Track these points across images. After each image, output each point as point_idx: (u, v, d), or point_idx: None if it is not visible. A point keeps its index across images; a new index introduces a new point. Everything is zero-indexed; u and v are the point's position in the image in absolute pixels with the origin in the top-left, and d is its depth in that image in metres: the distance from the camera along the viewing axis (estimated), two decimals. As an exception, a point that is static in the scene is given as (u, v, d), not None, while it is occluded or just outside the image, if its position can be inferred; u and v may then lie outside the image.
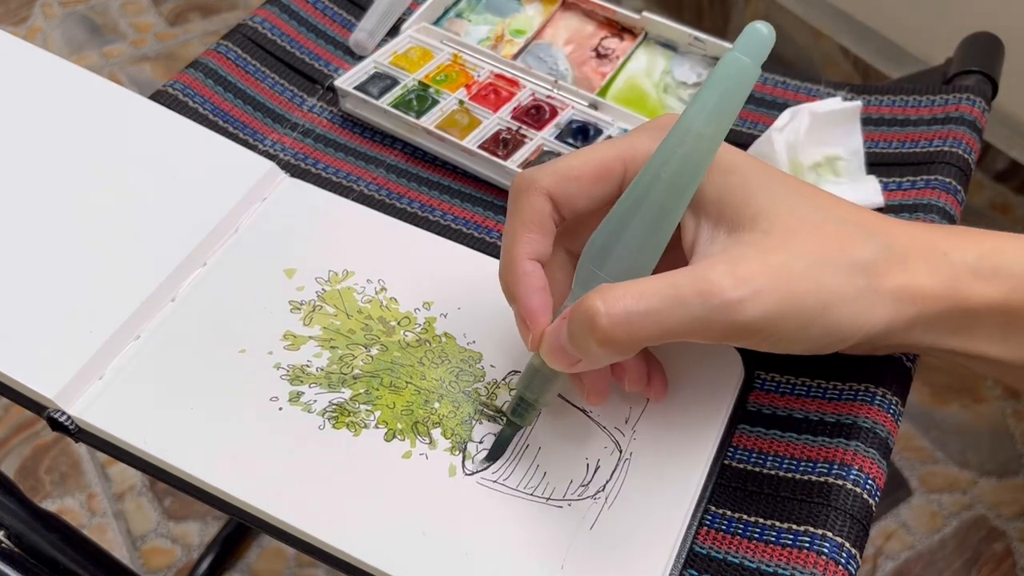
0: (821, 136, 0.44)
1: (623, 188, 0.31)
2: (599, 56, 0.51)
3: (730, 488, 0.34)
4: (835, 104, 0.44)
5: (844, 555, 0.31)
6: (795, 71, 0.50)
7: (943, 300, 0.30)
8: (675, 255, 0.31)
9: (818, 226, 0.30)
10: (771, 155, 0.43)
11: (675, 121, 0.30)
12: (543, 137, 0.45)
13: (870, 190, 0.43)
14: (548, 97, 0.47)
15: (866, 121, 0.46)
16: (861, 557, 0.32)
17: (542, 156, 0.44)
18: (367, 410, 0.35)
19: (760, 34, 0.28)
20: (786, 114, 0.44)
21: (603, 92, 0.49)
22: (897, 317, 0.30)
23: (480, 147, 0.45)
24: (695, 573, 0.32)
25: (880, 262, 0.30)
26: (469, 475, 0.33)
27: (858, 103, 0.44)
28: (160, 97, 0.46)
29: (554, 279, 0.33)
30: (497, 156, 0.44)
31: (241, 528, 0.83)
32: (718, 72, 0.29)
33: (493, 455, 0.34)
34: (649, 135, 0.31)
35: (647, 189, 0.30)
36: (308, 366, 0.36)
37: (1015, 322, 0.30)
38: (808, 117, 0.43)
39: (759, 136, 0.44)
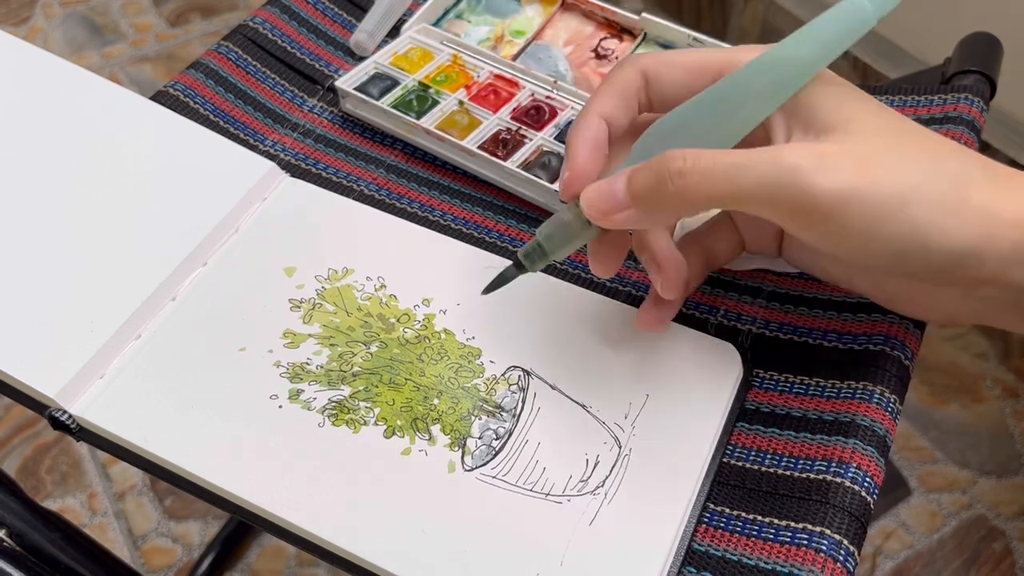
0: None
1: None
2: (598, 57, 0.51)
3: (729, 486, 0.34)
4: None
5: (842, 552, 0.31)
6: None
7: None
8: None
9: (908, 135, 0.29)
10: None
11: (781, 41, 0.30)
12: (543, 138, 0.45)
13: None
14: (548, 98, 0.48)
15: (864, 121, 0.46)
16: (859, 555, 0.32)
17: (541, 157, 0.45)
18: (367, 407, 0.35)
19: None
20: None
21: (602, 92, 0.49)
22: (989, 238, 0.27)
23: (480, 147, 0.45)
24: (694, 570, 0.32)
25: (969, 174, 0.28)
26: (468, 471, 0.33)
27: None
28: (161, 97, 0.46)
29: (616, 164, 0.33)
30: (497, 156, 0.44)
31: (242, 527, 0.83)
32: (838, 11, 0.29)
33: (489, 289, 0.35)
34: (751, 51, 0.31)
35: (733, 91, 0.30)
36: (308, 364, 0.36)
37: None
38: None
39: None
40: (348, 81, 0.47)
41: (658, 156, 0.29)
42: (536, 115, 0.47)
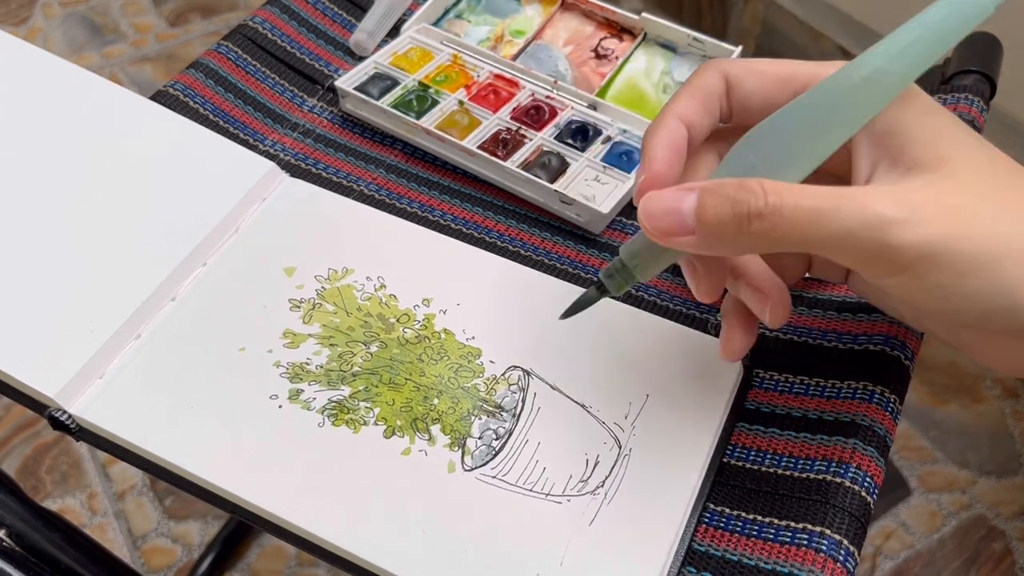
0: None
1: None
2: (598, 57, 0.51)
3: (729, 486, 0.34)
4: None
5: (842, 552, 0.31)
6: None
7: None
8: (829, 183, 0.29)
9: (1007, 183, 0.27)
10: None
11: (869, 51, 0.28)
12: (543, 137, 0.45)
13: None
14: (547, 98, 0.48)
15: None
16: (859, 555, 0.32)
17: (541, 156, 0.45)
18: (366, 407, 0.35)
19: None
20: None
21: (602, 93, 0.49)
22: None
23: (480, 147, 0.45)
24: (694, 570, 0.32)
25: None
26: (468, 471, 0.33)
27: None
28: (161, 97, 0.46)
29: (695, 173, 0.31)
30: (497, 156, 0.44)
31: (242, 528, 0.83)
32: (930, 15, 0.27)
33: (569, 313, 0.33)
34: (837, 66, 0.29)
35: (824, 106, 0.28)
36: (308, 364, 0.36)
37: None
38: None
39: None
40: (348, 81, 0.47)
41: (734, 183, 0.27)
42: (536, 115, 0.47)
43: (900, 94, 0.28)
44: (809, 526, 0.32)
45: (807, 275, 0.36)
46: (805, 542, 0.32)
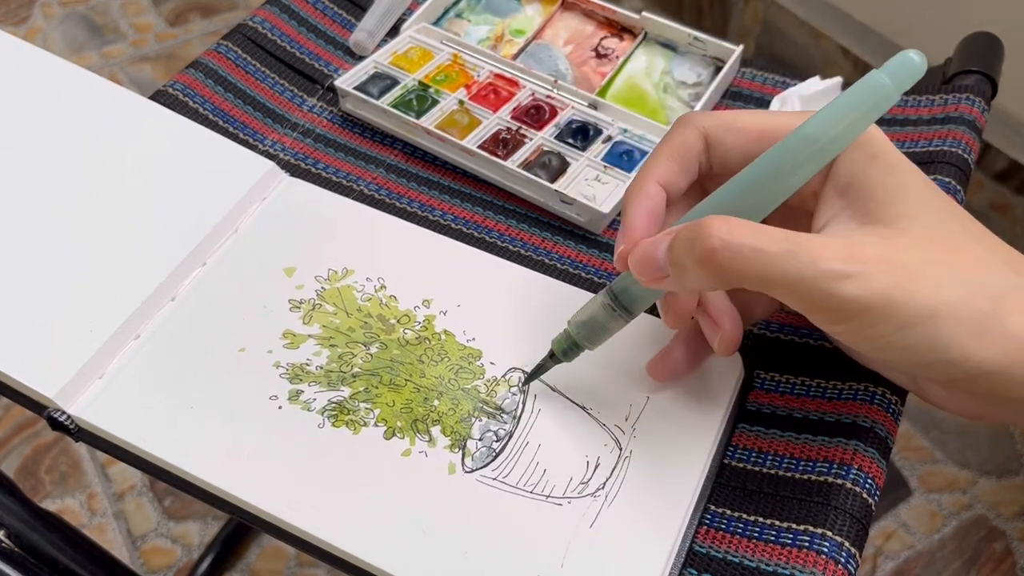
0: None
1: None
2: (599, 56, 0.51)
3: (730, 487, 0.34)
4: (818, 84, 0.45)
5: (844, 554, 0.31)
6: (795, 71, 0.50)
7: None
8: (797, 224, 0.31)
9: (960, 243, 0.28)
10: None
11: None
12: (543, 137, 0.45)
13: None
14: (548, 97, 0.48)
15: (866, 121, 0.46)
16: (861, 556, 0.32)
17: (541, 156, 0.45)
18: (366, 408, 0.35)
19: (912, 63, 0.28)
20: (776, 101, 0.45)
21: (603, 92, 0.49)
22: (1016, 363, 0.27)
23: (480, 147, 0.45)
24: (695, 572, 0.32)
25: (1013, 297, 0.27)
26: (469, 473, 0.33)
27: (838, 79, 0.45)
28: (160, 97, 0.46)
29: (675, 222, 0.32)
30: (497, 156, 0.44)
31: (241, 528, 0.83)
32: (860, 89, 0.28)
33: (529, 379, 0.35)
34: (805, 116, 0.31)
35: (773, 165, 0.29)
36: (307, 364, 0.36)
37: None
38: (798, 101, 0.44)
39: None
40: (348, 81, 0.47)
41: (691, 224, 0.28)
42: (536, 114, 0.47)
43: (862, 151, 0.30)
44: (810, 528, 0.32)
45: (781, 311, 0.37)
46: (806, 544, 0.31)
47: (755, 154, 0.31)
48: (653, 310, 0.39)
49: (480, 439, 0.34)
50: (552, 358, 0.35)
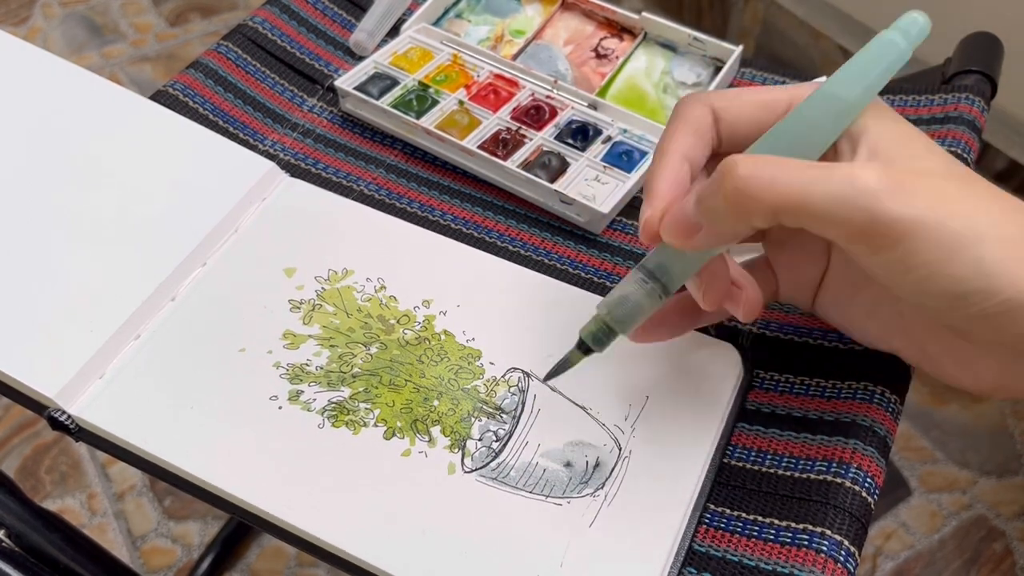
0: None
1: None
2: (598, 56, 0.51)
3: (729, 486, 0.34)
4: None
5: (843, 553, 0.31)
6: (795, 71, 0.50)
7: None
8: None
9: (974, 178, 0.29)
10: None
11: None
12: (543, 137, 0.45)
13: None
14: (548, 97, 0.48)
15: (865, 121, 0.46)
16: (860, 555, 0.32)
17: (541, 156, 0.45)
18: (366, 408, 0.35)
19: (918, 22, 0.29)
20: None
21: (603, 92, 0.49)
22: None
23: (480, 147, 0.45)
24: (694, 571, 0.32)
25: None
26: (468, 473, 0.33)
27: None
28: (160, 97, 0.46)
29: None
30: (497, 156, 0.44)
31: (241, 528, 0.83)
32: (875, 47, 0.29)
33: (551, 375, 0.34)
34: (814, 86, 0.31)
35: (797, 126, 0.29)
36: (307, 365, 0.36)
37: None
38: None
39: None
40: (348, 81, 0.47)
41: (719, 167, 0.28)
42: (536, 115, 0.47)
43: (867, 110, 0.30)
44: (810, 527, 0.32)
45: (778, 302, 0.37)
46: (806, 543, 0.32)
47: (764, 122, 0.31)
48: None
49: (480, 439, 0.34)
50: (581, 349, 0.33)
